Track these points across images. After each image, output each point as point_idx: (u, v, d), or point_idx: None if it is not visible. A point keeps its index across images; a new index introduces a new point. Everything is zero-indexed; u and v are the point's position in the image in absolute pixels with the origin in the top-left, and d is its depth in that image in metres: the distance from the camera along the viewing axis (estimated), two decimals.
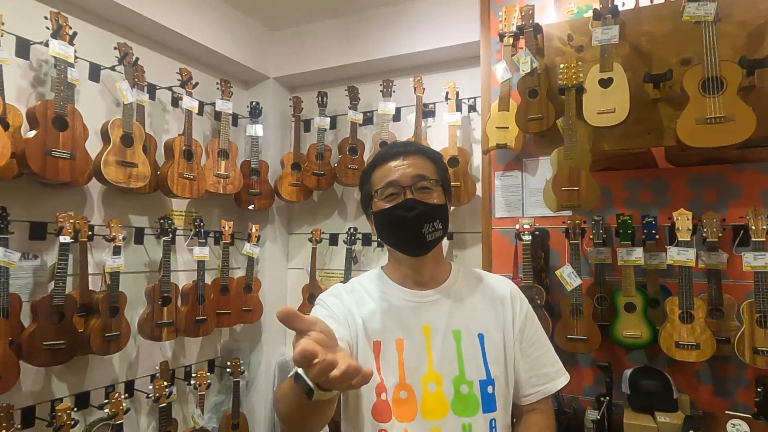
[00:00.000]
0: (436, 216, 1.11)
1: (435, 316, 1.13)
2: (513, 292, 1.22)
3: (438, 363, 1.10)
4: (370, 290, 1.19)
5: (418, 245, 1.12)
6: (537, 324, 1.22)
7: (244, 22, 3.03)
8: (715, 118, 1.64)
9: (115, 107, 2.42)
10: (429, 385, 1.09)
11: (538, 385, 1.17)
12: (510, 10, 2.30)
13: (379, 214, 1.15)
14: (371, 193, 1.17)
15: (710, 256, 1.91)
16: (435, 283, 1.18)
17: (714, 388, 1.98)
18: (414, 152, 1.16)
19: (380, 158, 1.18)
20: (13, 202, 1.99)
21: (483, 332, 1.14)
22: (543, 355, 1.19)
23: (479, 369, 1.10)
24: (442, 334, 1.12)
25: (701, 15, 1.69)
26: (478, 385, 1.09)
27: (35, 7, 2.13)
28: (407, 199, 1.10)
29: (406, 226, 1.10)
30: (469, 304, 1.17)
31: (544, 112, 2.04)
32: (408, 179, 1.12)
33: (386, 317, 1.14)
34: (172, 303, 2.45)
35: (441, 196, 1.15)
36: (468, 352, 1.11)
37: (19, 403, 2.01)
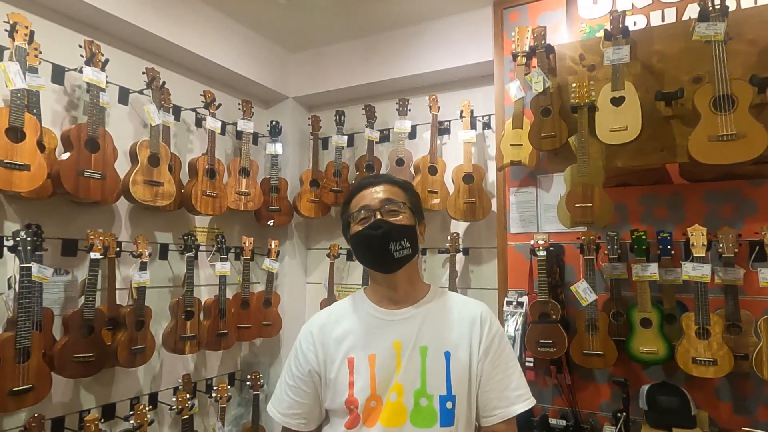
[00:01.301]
0: (403, 235, 1.20)
1: (406, 332, 1.21)
2: (484, 314, 1.27)
3: (403, 375, 1.17)
4: (349, 310, 1.30)
5: (386, 262, 1.21)
6: (504, 348, 1.25)
7: (265, 44, 3.14)
8: (727, 136, 1.67)
9: (142, 128, 2.53)
10: (391, 395, 1.16)
11: (498, 408, 1.20)
12: (523, 31, 2.35)
13: (354, 237, 1.25)
14: (348, 220, 1.28)
15: (726, 271, 1.92)
16: (409, 302, 1.26)
17: (734, 405, 1.97)
18: (384, 181, 1.29)
19: (355, 189, 1.31)
20: (47, 220, 2.09)
21: (450, 350, 1.20)
22: (506, 378, 1.22)
23: (441, 384, 1.17)
24: (411, 348, 1.19)
25: (711, 35, 1.73)
26: (438, 400, 1.16)
27: (70, 36, 2.25)
28: (376, 220, 1.21)
29: (374, 244, 1.20)
30: (439, 323, 1.24)
31: (557, 130, 2.09)
32: (377, 203, 1.23)
33: (360, 334, 1.24)
34: (195, 317, 2.52)
35: (409, 217, 1.25)
36: (432, 368, 1.18)
37: (49, 413, 2.08)
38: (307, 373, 1.24)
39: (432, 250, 2.92)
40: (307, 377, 1.25)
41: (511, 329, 2.21)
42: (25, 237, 1.85)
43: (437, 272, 2.90)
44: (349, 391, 1.18)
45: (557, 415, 2.21)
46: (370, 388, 1.17)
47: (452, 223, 2.85)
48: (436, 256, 2.91)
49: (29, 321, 1.83)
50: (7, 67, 1.82)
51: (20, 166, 1.81)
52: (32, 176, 1.84)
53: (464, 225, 2.83)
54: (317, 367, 1.24)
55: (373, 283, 1.31)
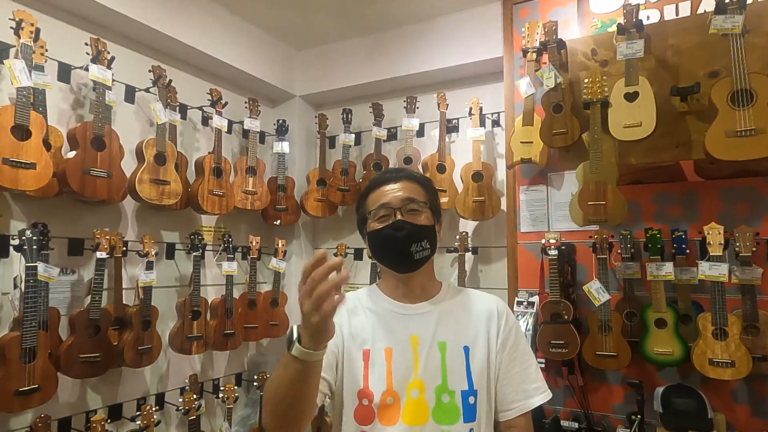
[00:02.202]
0: (424, 236, 1.18)
1: (423, 328, 1.20)
2: (500, 308, 1.26)
3: (422, 372, 1.15)
4: (364, 302, 1.27)
5: (406, 263, 1.19)
6: (521, 340, 1.25)
7: (272, 42, 3.12)
8: (746, 131, 1.63)
9: (148, 127, 2.51)
10: (412, 391, 1.14)
11: (515, 401, 1.20)
12: (533, 26, 2.31)
13: (371, 235, 1.22)
14: (365, 216, 1.25)
15: (744, 270, 1.87)
16: (424, 297, 1.25)
17: (751, 408, 1.92)
18: (404, 177, 1.25)
19: (374, 183, 1.26)
20: (53, 219, 2.07)
21: (468, 345, 1.20)
22: (523, 371, 1.22)
23: (462, 380, 1.16)
24: (429, 344, 1.18)
25: (728, 27, 1.68)
26: (460, 395, 1.15)
27: (76, 33, 2.24)
28: (397, 220, 1.18)
29: (395, 245, 1.17)
30: (456, 318, 1.23)
31: (568, 127, 2.05)
32: (398, 201, 1.19)
33: (376, 327, 1.21)
34: (201, 317, 2.50)
35: (429, 217, 1.22)
36: (452, 363, 1.17)
37: (55, 414, 2.07)
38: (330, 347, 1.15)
39: (440, 249, 2.85)
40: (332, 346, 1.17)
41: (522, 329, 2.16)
42: (31, 236, 1.84)
43: (446, 272, 2.86)
44: (363, 383, 1.16)
45: (569, 417, 2.17)
46: (386, 382, 1.15)
47: (461, 221, 2.81)
48: (444, 256, 2.86)
49: (35, 321, 1.82)
50: (13, 64, 1.80)
51: (26, 165, 1.79)
52: (38, 175, 1.83)
53: (473, 224, 2.79)
54: (338, 348, 1.18)
55: (387, 278, 1.28)
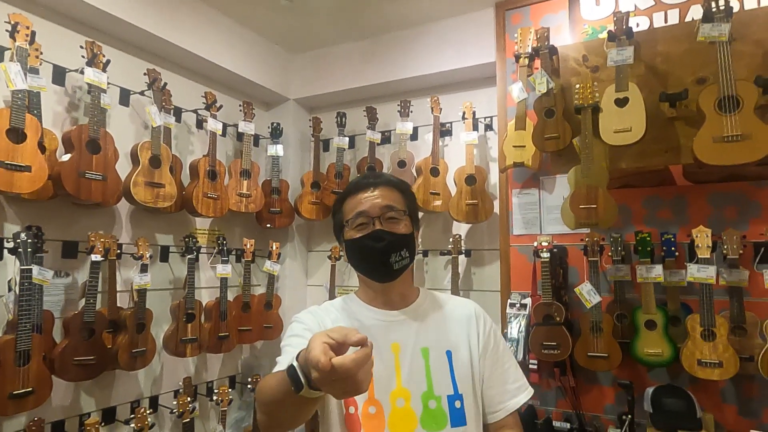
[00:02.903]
0: (403, 245, 1.17)
1: (404, 335, 1.19)
2: (477, 311, 1.27)
3: (407, 379, 1.14)
4: (342, 310, 1.24)
5: (386, 273, 1.18)
6: (501, 342, 1.26)
7: (266, 46, 3.14)
8: (732, 137, 1.66)
9: (143, 130, 2.52)
10: (397, 400, 1.13)
11: (502, 402, 1.20)
12: (525, 32, 2.35)
13: (349, 243, 1.20)
14: (342, 223, 1.23)
15: (731, 273, 1.91)
16: (403, 304, 1.23)
17: (738, 408, 1.96)
18: (383, 183, 1.22)
19: (351, 189, 1.24)
20: (48, 222, 2.07)
21: (451, 349, 1.19)
22: (505, 372, 1.23)
23: (447, 384, 1.15)
24: (411, 351, 1.17)
25: (715, 35, 1.73)
26: (446, 400, 1.14)
27: (71, 36, 2.24)
28: (376, 230, 1.16)
29: (374, 256, 1.16)
30: (436, 324, 1.22)
31: (560, 132, 2.08)
32: (377, 210, 1.17)
33: None
34: (196, 320, 2.50)
35: (408, 225, 1.21)
36: (436, 369, 1.16)
37: (49, 417, 2.06)
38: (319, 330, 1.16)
39: (434, 252, 2.91)
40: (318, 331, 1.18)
41: (515, 331, 2.20)
42: (25, 239, 1.84)
43: (439, 274, 2.89)
44: None
45: (561, 418, 2.19)
46: (368, 391, 1.12)
47: (454, 225, 2.84)
48: (438, 258, 2.90)
49: (29, 324, 1.81)
50: (8, 67, 1.80)
51: (21, 168, 1.79)
52: (33, 177, 1.83)
53: (466, 227, 2.82)
54: None
55: (365, 287, 1.26)
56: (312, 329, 1.17)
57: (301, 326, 1.19)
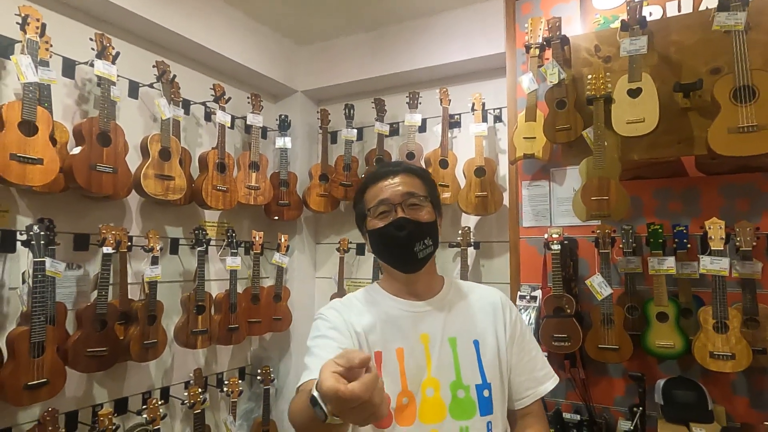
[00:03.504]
0: (426, 233, 1.17)
1: (432, 325, 1.18)
2: (503, 300, 1.27)
3: (436, 369, 1.14)
4: (368, 303, 1.24)
5: (410, 263, 1.18)
6: (527, 330, 1.27)
7: (274, 38, 3.12)
8: (748, 127, 1.64)
9: (152, 122, 2.52)
10: (427, 390, 1.13)
11: (529, 389, 1.22)
12: (536, 22, 2.32)
13: (372, 233, 1.20)
14: (364, 212, 1.22)
15: (744, 265, 1.89)
16: (429, 294, 1.23)
17: (750, 400, 1.95)
18: (403, 171, 1.22)
19: (371, 178, 1.23)
20: (59, 215, 2.08)
21: (478, 339, 1.19)
22: (533, 359, 1.24)
23: (475, 374, 1.16)
24: (439, 341, 1.17)
25: (731, 24, 1.70)
26: (475, 390, 1.14)
27: (80, 29, 2.24)
28: (399, 218, 1.15)
29: (398, 245, 1.16)
30: (462, 313, 1.22)
31: (572, 123, 2.06)
32: (398, 197, 1.17)
33: (386, 328, 1.18)
34: (206, 312, 2.52)
35: (431, 212, 1.20)
36: (464, 358, 1.16)
37: (62, 407, 2.08)
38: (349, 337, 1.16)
39: (443, 244, 2.88)
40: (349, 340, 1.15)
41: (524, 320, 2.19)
42: (38, 231, 1.85)
43: (448, 266, 2.88)
44: None
45: (571, 410, 2.20)
46: (401, 383, 1.13)
47: (463, 216, 2.83)
48: (447, 251, 2.89)
49: (43, 315, 1.83)
50: (19, 60, 1.81)
51: (33, 160, 1.80)
52: (45, 170, 1.84)
53: (475, 219, 2.81)
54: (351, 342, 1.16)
55: (390, 277, 1.26)
56: (337, 327, 1.16)
57: (326, 324, 1.18)
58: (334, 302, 1.26)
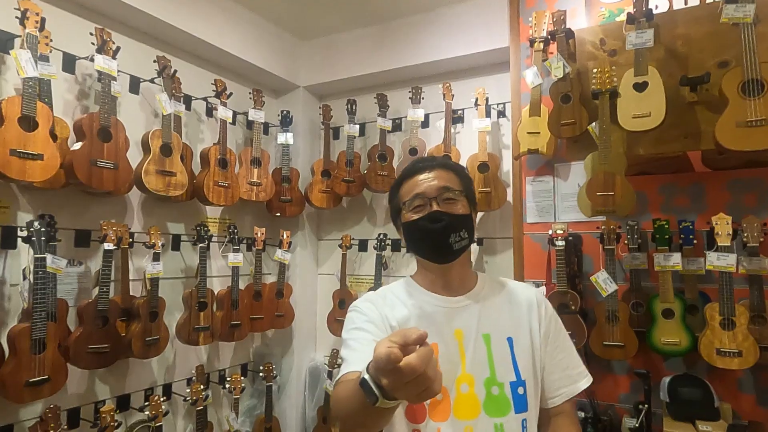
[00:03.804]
0: (461, 226, 1.17)
1: (466, 321, 1.18)
2: (538, 297, 1.26)
3: (470, 365, 1.14)
4: (402, 297, 1.24)
5: (445, 254, 1.18)
6: (561, 327, 1.26)
7: (276, 33, 3.10)
8: (757, 121, 1.62)
9: (153, 118, 2.50)
10: (462, 386, 1.13)
11: (563, 387, 1.20)
12: (540, 16, 2.30)
13: (407, 226, 1.21)
14: (400, 206, 1.23)
15: (751, 261, 1.87)
16: (463, 290, 1.23)
17: (757, 397, 1.93)
18: (438, 166, 1.22)
19: (407, 173, 1.24)
20: (60, 211, 2.07)
21: (512, 335, 1.18)
22: (567, 357, 1.23)
23: (509, 371, 1.15)
24: (474, 337, 1.16)
25: (740, 17, 1.67)
26: (509, 387, 1.13)
27: (80, 24, 2.22)
28: (433, 211, 1.16)
29: (433, 237, 1.16)
30: (496, 309, 1.21)
31: (577, 117, 2.04)
32: (433, 191, 1.18)
33: (420, 323, 1.18)
34: (208, 308, 2.51)
35: (466, 206, 1.20)
36: (498, 355, 1.16)
37: (64, 404, 2.08)
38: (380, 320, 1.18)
39: None
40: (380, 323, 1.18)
41: None
42: (38, 227, 1.84)
43: None
44: None
45: (575, 407, 2.18)
46: None
47: None
48: None
49: (44, 312, 1.82)
50: (19, 55, 1.79)
51: (33, 156, 1.79)
52: (45, 166, 1.82)
53: (479, 215, 2.79)
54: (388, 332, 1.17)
55: (424, 270, 1.26)
56: (373, 320, 1.18)
57: (363, 318, 1.19)
58: (369, 295, 1.27)
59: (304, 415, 3.13)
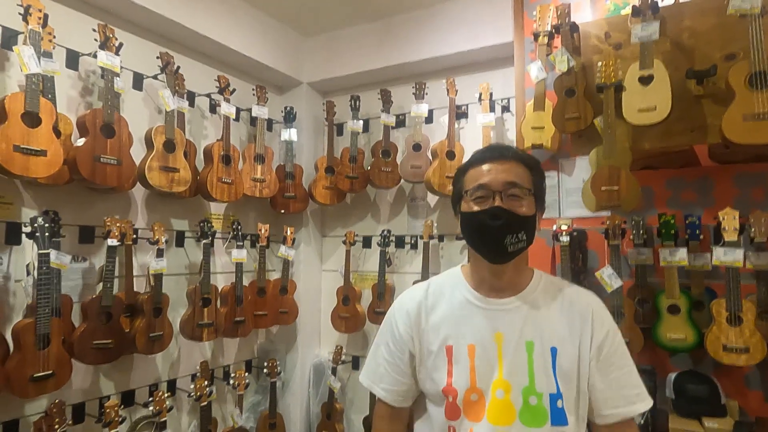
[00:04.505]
0: (521, 227, 1.09)
1: (509, 325, 1.13)
2: (596, 308, 1.17)
3: (508, 372, 1.10)
4: (446, 293, 1.21)
5: (498, 254, 1.11)
6: (619, 343, 1.16)
7: (279, 29, 3.10)
8: (764, 114, 1.60)
9: (156, 114, 2.50)
10: (497, 391, 1.10)
11: (616, 407, 1.12)
12: (544, 9, 2.28)
13: (465, 216, 1.15)
14: (461, 193, 1.17)
15: (759, 256, 1.85)
16: (513, 290, 1.17)
17: (764, 394, 1.91)
18: (511, 157, 1.14)
19: (476, 159, 1.17)
20: (64, 207, 2.07)
21: (556, 346, 1.12)
22: (623, 376, 1.14)
23: (550, 382, 1.10)
24: (515, 343, 1.12)
25: (747, 8, 1.65)
26: (548, 398, 1.08)
27: (83, 20, 2.22)
28: (494, 207, 1.09)
29: (488, 234, 1.10)
30: (545, 315, 1.15)
31: (581, 112, 2.02)
32: (499, 185, 1.10)
33: (460, 322, 1.16)
34: (212, 304, 2.51)
35: (531, 205, 1.12)
36: (539, 365, 1.10)
37: (69, 399, 2.09)
38: (407, 354, 1.19)
39: (450, 237, 2.88)
40: (406, 357, 1.19)
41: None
42: (43, 223, 1.84)
43: (455, 259, 2.86)
44: (447, 380, 1.12)
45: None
46: (470, 379, 1.11)
47: None
48: (453, 243, 2.86)
49: (48, 307, 1.83)
50: (22, 51, 1.79)
51: (37, 152, 1.79)
52: (49, 162, 1.83)
53: None
54: (414, 351, 1.19)
55: (476, 265, 1.20)
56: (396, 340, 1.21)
57: (389, 334, 1.24)
58: (414, 293, 1.25)
59: (308, 411, 3.14)
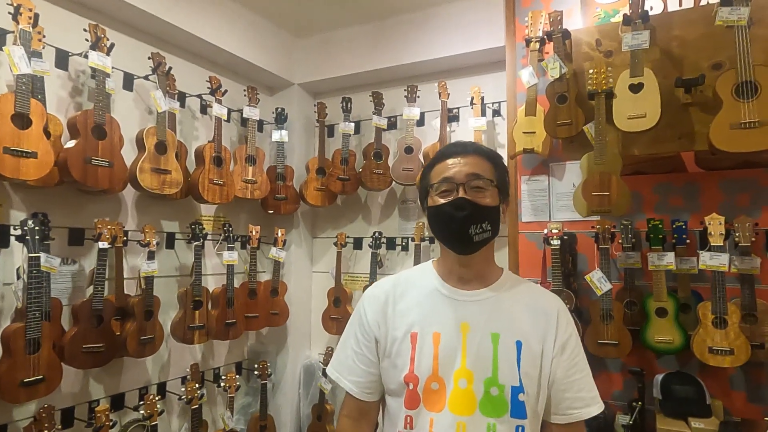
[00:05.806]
0: (485, 217, 1.13)
1: (475, 315, 1.16)
2: (561, 310, 1.21)
3: (472, 362, 1.12)
4: (417, 283, 1.25)
5: (464, 244, 1.15)
6: (581, 348, 1.20)
7: (271, 30, 3.08)
8: (750, 123, 1.64)
9: (147, 115, 2.48)
10: (460, 381, 1.12)
11: (572, 408, 1.15)
12: (536, 16, 2.30)
13: (431, 210, 1.19)
14: (428, 188, 1.21)
15: (743, 260, 1.90)
16: (481, 283, 1.20)
17: (748, 394, 1.96)
18: (472, 152, 1.18)
19: (440, 155, 1.21)
20: (53, 209, 2.05)
21: (522, 340, 1.15)
22: (582, 379, 1.17)
23: (513, 375, 1.12)
24: (481, 334, 1.14)
25: (734, 19, 1.69)
26: (510, 390, 1.11)
27: (73, 20, 2.19)
28: (458, 198, 1.13)
29: (454, 225, 1.14)
30: (511, 310, 1.18)
31: (573, 118, 2.05)
32: (462, 177, 1.14)
33: (426, 311, 1.19)
34: (203, 307, 2.49)
35: (495, 197, 1.16)
36: (503, 356, 1.13)
37: (58, 404, 2.06)
38: (374, 341, 1.22)
39: None
40: (373, 345, 1.22)
41: None
42: (32, 226, 1.82)
43: None
44: (410, 366, 1.15)
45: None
46: (432, 367, 1.13)
47: None
48: None
49: (38, 311, 1.80)
50: (12, 51, 1.77)
51: (27, 154, 1.77)
52: (39, 164, 1.80)
53: None
54: (380, 338, 1.21)
55: (445, 257, 1.23)
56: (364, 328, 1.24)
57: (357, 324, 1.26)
58: (382, 285, 1.29)
59: (299, 412, 3.13)
